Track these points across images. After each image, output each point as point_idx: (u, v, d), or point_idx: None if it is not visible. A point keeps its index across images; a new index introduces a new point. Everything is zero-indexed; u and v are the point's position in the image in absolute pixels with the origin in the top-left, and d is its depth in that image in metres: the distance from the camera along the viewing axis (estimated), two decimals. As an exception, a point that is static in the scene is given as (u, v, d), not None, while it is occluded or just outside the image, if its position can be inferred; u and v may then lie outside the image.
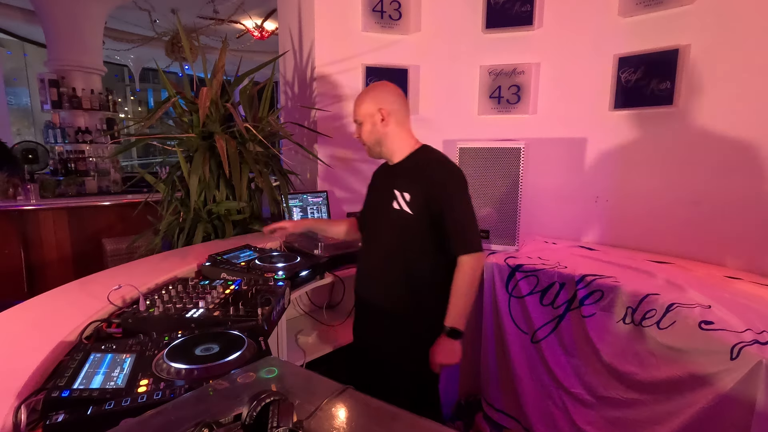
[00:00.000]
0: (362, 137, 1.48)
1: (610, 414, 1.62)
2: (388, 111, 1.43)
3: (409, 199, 1.40)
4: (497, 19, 2.35)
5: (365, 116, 1.45)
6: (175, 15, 4.79)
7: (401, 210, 1.42)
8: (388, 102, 1.44)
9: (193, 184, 1.95)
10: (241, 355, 0.88)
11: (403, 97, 1.49)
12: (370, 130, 1.45)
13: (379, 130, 1.45)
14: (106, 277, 1.48)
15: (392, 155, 1.49)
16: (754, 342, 1.23)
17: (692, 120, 1.91)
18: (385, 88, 1.48)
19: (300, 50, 2.61)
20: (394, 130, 1.46)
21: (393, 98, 1.46)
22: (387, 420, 0.65)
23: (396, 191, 1.44)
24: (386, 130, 1.45)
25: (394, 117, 1.45)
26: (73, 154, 5.02)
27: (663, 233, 2.04)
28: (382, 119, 1.43)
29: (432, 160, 1.46)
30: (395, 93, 1.47)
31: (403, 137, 1.48)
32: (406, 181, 1.43)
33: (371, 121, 1.44)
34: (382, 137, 1.46)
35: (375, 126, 1.44)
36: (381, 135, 1.45)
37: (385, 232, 1.50)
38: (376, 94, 1.46)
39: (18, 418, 0.76)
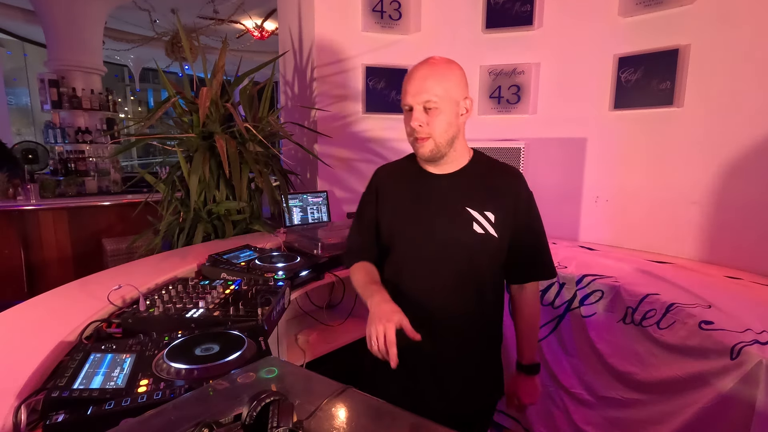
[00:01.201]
0: (433, 129, 1.06)
1: (610, 414, 1.62)
2: (471, 104, 1.12)
3: (494, 219, 1.11)
4: (497, 19, 2.35)
5: (448, 101, 1.06)
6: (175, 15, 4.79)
7: (486, 234, 1.11)
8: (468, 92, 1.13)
9: (193, 184, 1.95)
10: (241, 355, 0.88)
11: None
12: (450, 121, 1.07)
13: (459, 125, 1.10)
14: (106, 277, 1.47)
15: (454, 160, 1.14)
16: (754, 342, 1.23)
17: (692, 120, 1.91)
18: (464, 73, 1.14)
19: (300, 50, 2.61)
20: (463, 129, 1.14)
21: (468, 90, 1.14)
22: (387, 420, 0.65)
23: (471, 210, 1.11)
24: (461, 125, 1.12)
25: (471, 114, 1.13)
26: (73, 154, 5.03)
27: (663, 233, 2.04)
28: (466, 111, 1.10)
29: (503, 168, 1.19)
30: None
31: (464, 138, 1.17)
32: (485, 197, 1.13)
33: (455, 110, 1.07)
34: (457, 134, 1.11)
35: (456, 118, 1.09)
36: (457, 131, 1.10)
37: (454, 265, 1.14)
38: (464, 79, 1.11)
39: (18, 418, 0.76)
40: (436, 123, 1.06)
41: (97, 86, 5.57)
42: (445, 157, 1.12)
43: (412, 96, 1.07)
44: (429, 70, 1.08)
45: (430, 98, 1.05)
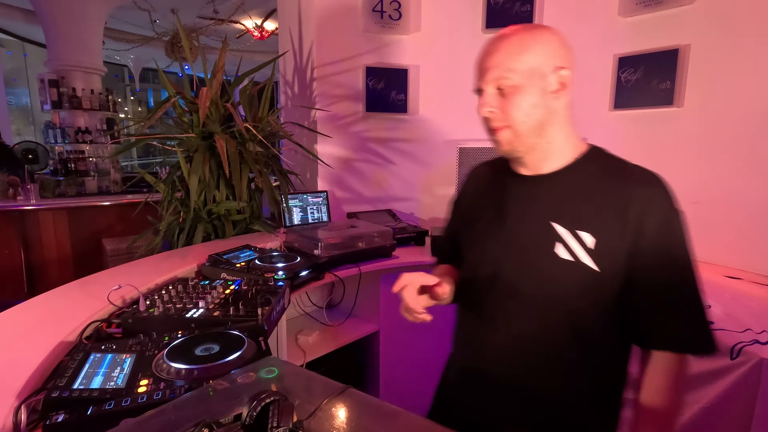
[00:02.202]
0: (510, 113, 0.80)
1: (610, 414, 1.61)
2: (570, 76, 0.81)
3: (593, 244, 0.78)
4: (497, 19, 2.35)
5: (532, 76, 0.79)
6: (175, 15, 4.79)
7: (576, 261, 0.79)
8: (570, 60, 0.81)
9: (193, 184, 1.95)
10: (241, 355, 0.88)
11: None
12: (534, 102, 0.79)
13: (549, 105, 0.81)
14: (106, 277, 1.47)
15: (547, 156, 0.85)
16: (754, 342, 1.23)
17: (692, 120, 1.91)
18: (564, 39, 0.83)
19: (300, 50, 2.61)
20: (566, 113, 0.84)
21: (573, 58, 0.82)
22: (387, 420, 0.65)
23: (557, 227, 0.81)
24: (558, 106, 0.82)
25: (571, 89, 0.82)
26: (73, 154, 5.03)
27: (663, 233, 2.04)
28: (561, 86, 0.80)
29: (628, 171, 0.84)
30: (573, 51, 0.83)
31: (570, 126, 0.86)
32: (585, 210, 0.81)
33: (540, 86, 0.79)
34: (550, 119, 0.82)
35: (545, 96, 0.80)
36: (549, 114, 0.81)
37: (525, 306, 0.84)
38: (555, 43, 0.81)
39: (18, 418, 0.76)
40: (513, 105, 0.79)
41: (97, 86, 5.58)
42: (533, 151, 0.84)
43: (480, 74, 0.82)
44: (502, 39, 0.81)
45: (502, 74, 0.79)
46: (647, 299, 0.78)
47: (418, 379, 2.24)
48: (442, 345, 2.36)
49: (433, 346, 2.23)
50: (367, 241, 1.95)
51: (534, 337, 0.83)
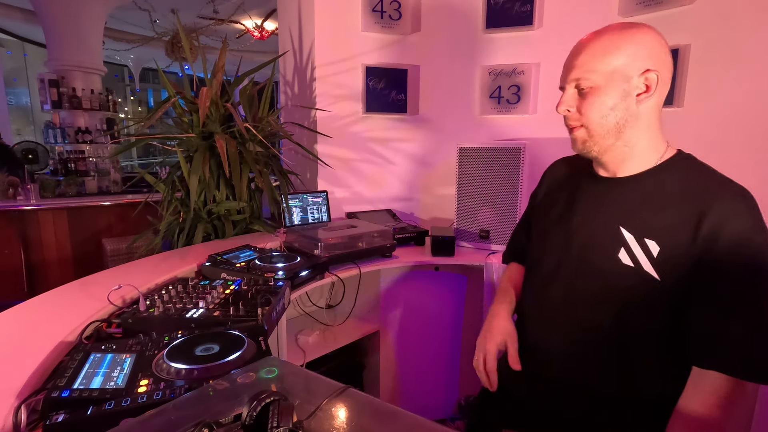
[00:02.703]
0: (586, 113, 0.83)
1: (610, 414, 1.61)
2: (663, 79, 0.81)
3: (657, 252, 0.78)
4: (497, 19, 2.35)
5: (614, 77, 0.80)
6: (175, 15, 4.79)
7: (637, 268, 0.79)
8: (663, 62, 0.81)
9: (193, 184, 1.95)
10: (241, 355, 0.88)
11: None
12: (613, 104, 0.81)
13: (629, 108, 0.81)
14: (106, 277, 1.47)
15: (625, 159, 0.86)
16: (754, 342, 1.23)
17: (692, 120, 1.91)
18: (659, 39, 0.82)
19: (300, 50, 2.61)
20: (652, 116, 0.84)
21: (669, 61, 0.82)
22: (387, 420, 0.65)
23: (626, 232, 0.82)
24: (640, 110, 0.82)
25: (661, 92, 0.82)
26: (73, 154, 5.03)
27: (663, 233, 2.04)
28: (646, 89, 0.80)
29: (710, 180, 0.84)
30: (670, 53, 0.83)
31: (656, 131, 0.86)
32: (656, 218, 0.80)
33: (622, 88, 0.80)
34: (629, 122, 0.82)
35: (627, 99, 0.81)
36: (629, 117, 0.82)
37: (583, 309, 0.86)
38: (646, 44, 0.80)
39: (18, 418, 0.76)
40: (590, 106, 0.81)
41: (97, 86, 5.58)
42: (610, 152, 0.85)
43: (565, 72, 0.87)
44: (593, 38, 0.83)
45: (582, 75, 0.82)
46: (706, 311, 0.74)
47: (418, 379, 2.24)
48: (442, 345, 2.37)
49: (433, 347, 2.23)
50: (367, 241, 1.96)
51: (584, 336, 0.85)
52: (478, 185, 2.10)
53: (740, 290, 0.73)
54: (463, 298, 2.21)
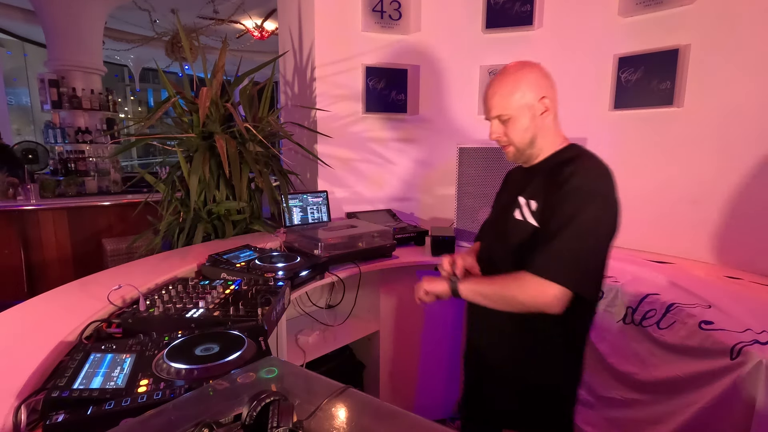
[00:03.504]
0: (511, 137, 1.14)
1: (610, 414, 1.62)
2: (552, 99, 1.13)
3: (535, 207, 1.09)
4: (497, 19, 2.35)
5: (518, 108, 1.11)
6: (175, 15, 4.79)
7: (524, 221, 1.11)
8: (548, 87, 1.13)
9: (193, 184, 1.95)
10: (241, 355, 0.88)
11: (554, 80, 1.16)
12: (525, 126, 1.12)
13: (537, 126, 1.13)
14: (106, 277, 1.48)
15: (538, 155, 1.18)
16: (754, 342, 1.23)
17: (692, 120, 1.91)
18: (541, 70, 1.14)
19: (300, 50, 2.61)
20: (551, 125, 1.15)
21: (551, 81, 1.15)
22: (387, 420, 0.65)
23: (521, 198, 1.14)
24: (545, 123, 1.14)
25: (555, 107, 1.15)
26: (73, 154, 5.03)
27: (663, 233, 2.04)
28: (544, 110, 1.12)
29: (572, 158, 1.10)
30: (551, 77, 1.15)
31: (556, 132, 1.17)
32: (536, 186, 1.12)
33: (529, 114, 1.11)
34: (538, 133, 1.14)
35: (534, 120, 1.12)
36: (538, 131, 1.13)
37: (501, 250, 1.19)
38: (535, 79, 1.12)
39: (18, 418, 0.76)
40: (511, 131, 1.14)
41: (97, 86, 5.58)
42: (531, 157, 1.18)
43: (486, 112, 1.17)
44: (496, 86, 1.14)
45: (501, 113, 1.13)
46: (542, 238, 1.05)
47: (418, 379, 2.24)
48: (442, 345, 2.37)
49: (433, 346, 2.23)
50: (367, 241, 1.96)
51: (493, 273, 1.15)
52: (478, 185, 2.10)
53: (563, 223, 1.01)
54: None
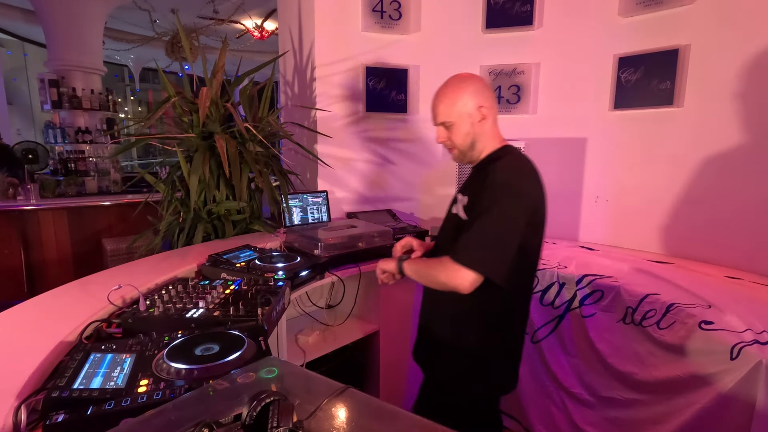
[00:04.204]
0: (454, 141, 1.28)
1: (610, 414, 1.62)
2: (489, 107, 1.25)
3: (466, 202, 1.24)
4: (497, 19, 2.35)
5: (459, 116, 1.24)
6: (175, 15, 4.80)
7: (456, 215, 1.27)
8: (487, 97, 1.25)
9: (193, 184, 1.95)
10: (241, 355, 0.88)
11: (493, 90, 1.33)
12: (465, 132, 1.25)
13: (476, 131, 1.25)
14: (106, 277, 1.47)
15: (479, 156, 1.30)
16: (754, 342, 1.23)
17: (692, 120, 1.91)
18: (480, 81, 1.28)
19: (300, 50, 2.61)
20: (489, 130, 1.28)
21: (490, 92, 1.27)
22: (387, 420, 0.65)
23: (459, 194, 1.30)
24: (483, 129, 1.26)
25: (492, 113, 1.27)
26: (73, 154, 5.03)
27: (663, 233, 2.04)
28: (482, 118, 1.24)
29: (503, 158, 1.24)
30: (489, 85, 1.31)
31: (495, 135, 1.30)
32: (469, 183, 1.30)
33: (469, 121, 1.24)
34: (478, 138, 1.26)
35: (472, 126, 1.25)
36: (477, 136, 1.26)
37: (442, 240, 1.36)
38: (475, 89, 1.25)
39: (18, 418, 0.76)
40: (454, 136, 1.27)
41: (97, 86, 5.57)
42: (473, 159, 1.31)
43: (433, 118, 1.30)
44: (440, 96, 1.27)
45: (444, 120, 1.26)
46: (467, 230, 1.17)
47: (418, 379, 2.24)
48: (442, 345, 2.33)
49: (433, 346, 2.23)
50: (367, 241, 1.95)
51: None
52: (478, 185, 2.10)
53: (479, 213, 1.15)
54: (463, 298, 2.21)
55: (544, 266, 1.83)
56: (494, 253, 1.12)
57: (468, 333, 1.28)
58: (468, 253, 1.13)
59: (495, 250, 1.13)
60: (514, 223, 1.13)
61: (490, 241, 1.13)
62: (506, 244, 1.12)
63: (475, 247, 1.13)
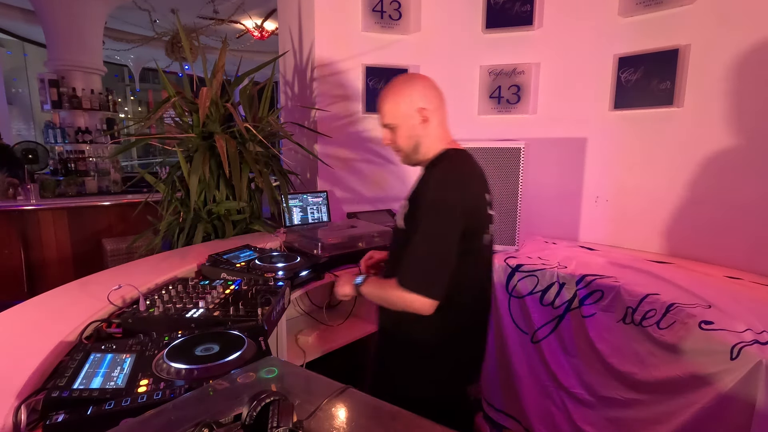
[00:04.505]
0: (397, 143, 1.25)
1: (610, 414, 1.62)
2: (431, 109, 1.21)
3: (406, 210, 1.21)
4: (497, 19, 2.35)
5: (402, 118, 1.21)
6: (175, 15, 4.79)
7: (398, 222, 1.25)
8: (429, 99, 1.21)
9: (193, 184, 1.95)
10: (241, 355, 0.88)
11: (441, 90, 1.25)
12: (408, 134, 1.22)
13: (419, 134, 1.21)
14: (106, 277, 1.48)
15: (424, 159, 1.26)
16: (754, 342, 1.23)
17: (692, 120, 1.91)
18: (423, 82, 1.24)
19: (300, 50, 2.61)
20: (433, 132, 1.23)
21: (434, 93, 1.23)
22: (387, 420, 0.65)
23: (405, 201, 1.24)
24: (427, 132, 1.22)
25: (436, 115, 1.22)
26: (73, 154, 5.03)
27: (663, 233, 2.04)
28: (423, 120, 1.20)
29: (436, 165, 1.20)
30: (435, 86, 1.24)
31: (440, 138, 1.25)
32: (414, 189, 1.23)
33: (409, 123, 1.21)
34: (421, 141, 1.22)
35: (414, 129, 1.21)
36: (420, 138, 1.22)
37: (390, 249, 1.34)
38: (415, 91, 1.21)
39: (18, 418, 0.76)
40: (397, 138, 1.25)
41: (97, 86, 5.57)
42: (419, 161, 1.28)
43: (379, 118, 1.28)
44: (382, 98, 1.25)
45: (387, 121, 1.25)
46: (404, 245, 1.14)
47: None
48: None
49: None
50: (367, 241, 1.96)
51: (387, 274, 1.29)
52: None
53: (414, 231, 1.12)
54: (463, 298, 2.21)
55: (543, 266, 1.83)
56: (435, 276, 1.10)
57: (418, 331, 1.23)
58: (413, 278, 1.10)
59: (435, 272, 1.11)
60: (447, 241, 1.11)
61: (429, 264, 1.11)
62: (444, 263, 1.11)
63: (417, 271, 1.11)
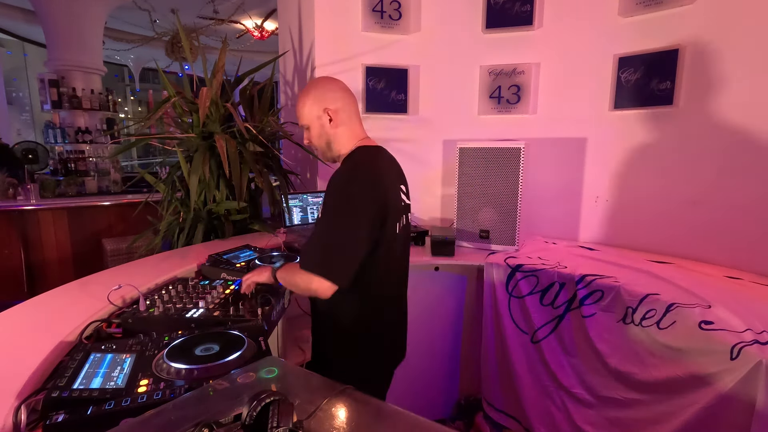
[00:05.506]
0: (313, 142, 1.33)
1: (610, 414, 1.62)
2: (335, 109, 1.27)
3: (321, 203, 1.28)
4: (497, 19, 2.35)
5: (311, 119, 1.29)
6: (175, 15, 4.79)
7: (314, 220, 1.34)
8: (333, 99, 1.28)
9: (193, 184, 1.95)
10: (241, 355, 0.88)
11: (349, 91, 1.33)
12: (318, 133, 1.30)
13: (328, 132, 1.29)
14: (106, 277, 1.48)
15: (339, 157, 1.34)
16: (754, 342, 1.23)
17: (692, 120, 1.91)
18: (328, 84, 1.32)
19: (300, 50, 2.61)
20: (343, 131, 1.30)
21: (339, 94, 1.30)
22: (387, 420, 0.65)
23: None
24: (336, 131, 1.29)
25: (343, 115, 1.29)
26: (73, 154, 5.03)
27: (663, 233, 2.04)
28: (330, 120, 1.28)
29: (345, 162, 1.29)
30: (340, 87, 1.32)
31: (351, 136, 1.32)
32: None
33: (318, 123, 1.29)
34: (332, 139, 1.30)
35: (324, 128, 1.29)
36: (330, 137, 1.30)
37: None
38: (320, 93, 1.29)
39: (18, 418, 0.76)
40: (312, 138, 1.33)
41: (97, 86, 5.57)
42: (335, 158, 1.35)
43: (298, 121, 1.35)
44: (297, 99, 1.33)
45: (301, 123, 1.33)
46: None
47: (418, 379, 2.24)
48: (442, 345, 2.36)
49: (433, 347, 2.23)
50: (367, 241, 1.95)
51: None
52: (478, 185, 2.10)
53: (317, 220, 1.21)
54: (463, 298, 2.21)
55: (543, 266, 1.83)
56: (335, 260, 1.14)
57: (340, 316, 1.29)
58: (312, 260, 1.16)
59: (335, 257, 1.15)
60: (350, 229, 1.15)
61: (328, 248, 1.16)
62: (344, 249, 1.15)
63: (315, 253, 1.17)
